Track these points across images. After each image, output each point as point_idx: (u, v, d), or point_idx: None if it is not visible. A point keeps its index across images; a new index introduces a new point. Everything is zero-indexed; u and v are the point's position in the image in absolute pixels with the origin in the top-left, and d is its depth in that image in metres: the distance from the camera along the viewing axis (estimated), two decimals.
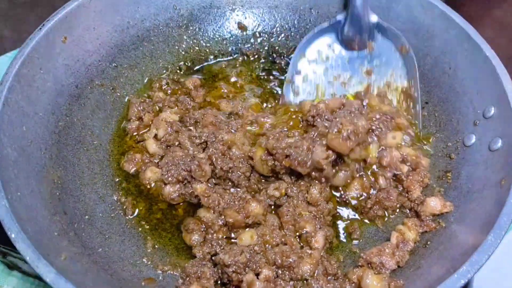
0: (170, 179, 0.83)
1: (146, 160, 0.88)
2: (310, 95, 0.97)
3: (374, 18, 0.93)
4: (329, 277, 0.73)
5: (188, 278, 0.73)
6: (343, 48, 0.97)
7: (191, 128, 0.92)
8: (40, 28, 0.82)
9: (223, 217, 0.79)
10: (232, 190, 0.82)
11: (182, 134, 0.89)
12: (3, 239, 0.64)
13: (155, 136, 0.90)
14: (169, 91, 0.99)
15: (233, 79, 1.01)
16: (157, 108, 0.95)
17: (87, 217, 0.79)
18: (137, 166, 0.88)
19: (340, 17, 0.95)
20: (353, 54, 0.97)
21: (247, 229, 0.78)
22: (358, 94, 0.95)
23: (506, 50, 0.86)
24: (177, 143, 0.88)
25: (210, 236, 0.78)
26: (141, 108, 0.93)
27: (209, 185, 0.82)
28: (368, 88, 0.96)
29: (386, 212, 0.82)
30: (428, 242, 0.77)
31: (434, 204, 0.78)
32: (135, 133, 0.92)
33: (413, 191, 0.82)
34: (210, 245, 0.77)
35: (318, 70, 0.97)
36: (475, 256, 0.63)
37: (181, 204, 0.84)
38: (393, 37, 0.93)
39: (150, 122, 0.92)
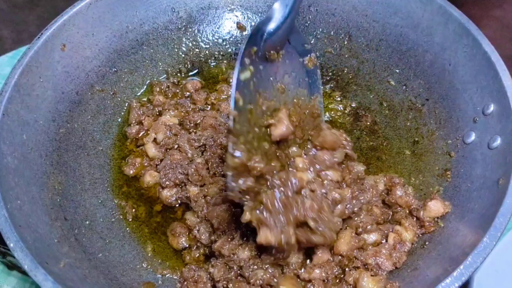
0: (167, 182, 0.84)
1: (146, 164, 0.89)
2: (247, 133, 0.69)
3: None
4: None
5: (185, 283, 0.74)
6: (258, 56, 0.72)
7: (191, 130, 0.93)
8: (39, 37, 0.84)
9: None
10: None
11: (181, 137, 0.89)
12: (3, 239, 0.65)
13: (155, 140, 0.91)
14: (170, 95, 0.99)
15: None
16: (157, 111, 0.96)
17: (87, 222, 0.81)
18: (137, 170, 0.89)
19: (276, 11, 0.74)
20: (266, 64, 0.74)
21: None
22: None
23: (506, 49, 0.84)
24: (176, 146, 0.89)
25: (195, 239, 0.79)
26: (141, 112, 0.95)
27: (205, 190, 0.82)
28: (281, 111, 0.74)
29: None
30: (426, 243, 0.76)
31: (436, 207, 0.77)
32: (135, 137, 0.93)
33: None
34: (197, 247, 0.78)
35: (247, 90, 0.70)
36: (470, 258, 0.63)
37: (180, 207, 0.85)
38: (300, 43, 0.80)
39: (150, 126, 0.93)
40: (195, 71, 1.04)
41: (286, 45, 0.77)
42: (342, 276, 0.74)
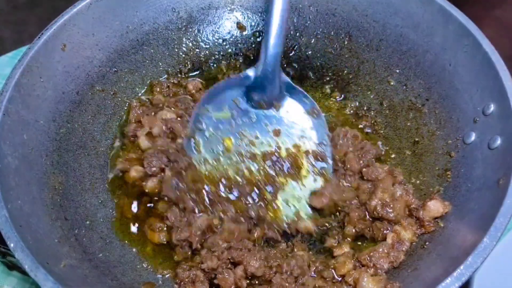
0: (154, 169, 0.85)
1: (139, 158, 0.89)
2: (212, 153, 0.87)
3: (284, 78, 0.89)
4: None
5: (182, 283, 0.74)
6: (249, 105, 0.91)
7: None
8: (39, 37, 0.84)
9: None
10: None
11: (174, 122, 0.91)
12: (4, 240, 0.66)
13: (150, 133, 0.91)
14: (171, 94, 0.99)
15: None
16: (157, 110, 0.96)
17: (88, 222, 0.81)
18: (130, 165, 0.89)
19: (250, 72, 0.89)
20: (260, 112, 0.91)
21: None
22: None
23: (506, 50, 0.84)
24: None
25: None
26: (141, 111, 0.95)
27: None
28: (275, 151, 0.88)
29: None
30: (427, 243, 0.76)
31: (435, 207, 0.77)
32: (132, 135, 0.93)
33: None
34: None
35: (222, 126, 0.90)
36: (470, 258, 0.63)
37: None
38: (302, 99, 0.90)
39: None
40: (196, 71, 1.04)
41: (286, 99, 0.91)
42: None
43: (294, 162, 0.86)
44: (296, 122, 0.90)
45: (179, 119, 0.92)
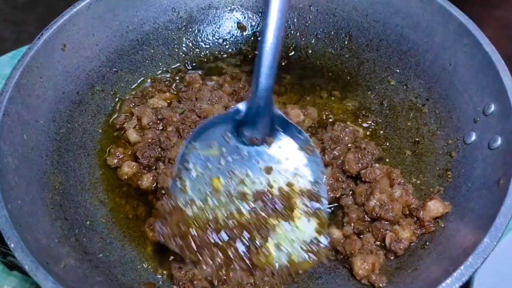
0: (146, 162, 0.86)
1: (129, 153, 0.90)
2: (199, 193, 0.80)
3: (277, 112, 0.82)
4: None
5: (181, 283, 0.74)
6: (240, 141, 0.84)
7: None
8: (39, 37, 0.84)
9: None
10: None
11: (166, 110, 0.92)
12: (4, 240, 0.66)
13: (137, 125, 0.91)
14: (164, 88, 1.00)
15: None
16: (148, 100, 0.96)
17: (88, 222, 0.81)
18: (121, 160, 0.89)
19: (241, 106, 0.81)
20: (251, 148, 0.84)
21: None
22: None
23: (507, 49, 0.84)
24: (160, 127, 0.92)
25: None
26: (133, 105, 0.95)
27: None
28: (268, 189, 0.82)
29: None
30: (427, 243, 0.76)
31: (435, 207, 0.77)
32: (119, 126, 0.93)
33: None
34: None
35: (210, 164, 0.83)
36: (471, 259, 0.63)
37: None
38: (296, 134, 0.84)
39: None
40: (195, 71, 1.04)
41: (279, 133, 0.84)
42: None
43: (287, 202, 0.81)
44: (289, 159, 0.84)
45: (169, 107, 0.92)
